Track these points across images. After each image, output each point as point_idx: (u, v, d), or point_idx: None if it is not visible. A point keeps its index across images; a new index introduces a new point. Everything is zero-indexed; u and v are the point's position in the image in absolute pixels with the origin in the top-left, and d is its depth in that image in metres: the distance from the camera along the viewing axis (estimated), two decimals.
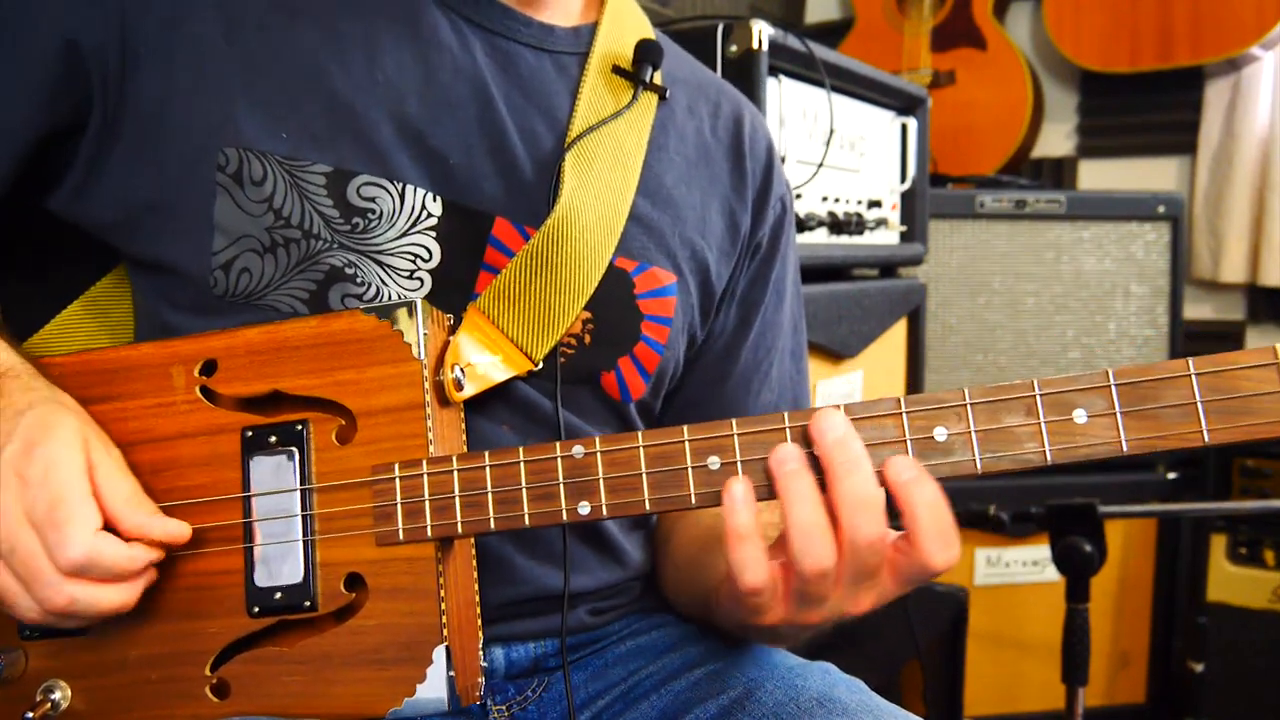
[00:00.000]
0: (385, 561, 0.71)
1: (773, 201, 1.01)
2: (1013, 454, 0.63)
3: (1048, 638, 2.04)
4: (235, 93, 0.77)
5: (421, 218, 0.81)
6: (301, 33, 0.80)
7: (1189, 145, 2.80)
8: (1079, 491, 1.68)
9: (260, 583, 0.73)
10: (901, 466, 0.63)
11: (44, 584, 0.67)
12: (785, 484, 0.64)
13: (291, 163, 0.78)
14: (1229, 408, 0.61)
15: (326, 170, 0.78)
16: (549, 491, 0.69)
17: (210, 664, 0.74)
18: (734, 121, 1.00)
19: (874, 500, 0.63)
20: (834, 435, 0.63)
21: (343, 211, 0.78)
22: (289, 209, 0.78)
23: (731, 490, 0.64)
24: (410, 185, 0.80)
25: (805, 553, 0.63)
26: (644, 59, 0.91)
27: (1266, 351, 0.60)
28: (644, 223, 0.90)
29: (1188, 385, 0.61)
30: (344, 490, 0.73)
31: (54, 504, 0.67)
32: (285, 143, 0.77)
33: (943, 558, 0.63)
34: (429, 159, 0.81)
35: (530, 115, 0.86)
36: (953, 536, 0.63)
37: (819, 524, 0.63)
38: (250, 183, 0.77)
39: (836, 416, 0.64)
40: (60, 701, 0.76)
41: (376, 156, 0.79)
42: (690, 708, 0.83)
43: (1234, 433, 0.60)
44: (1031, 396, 0.63)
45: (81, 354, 0.79)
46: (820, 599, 0.66)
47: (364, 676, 0.71)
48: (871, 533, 0.62)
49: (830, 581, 0.64)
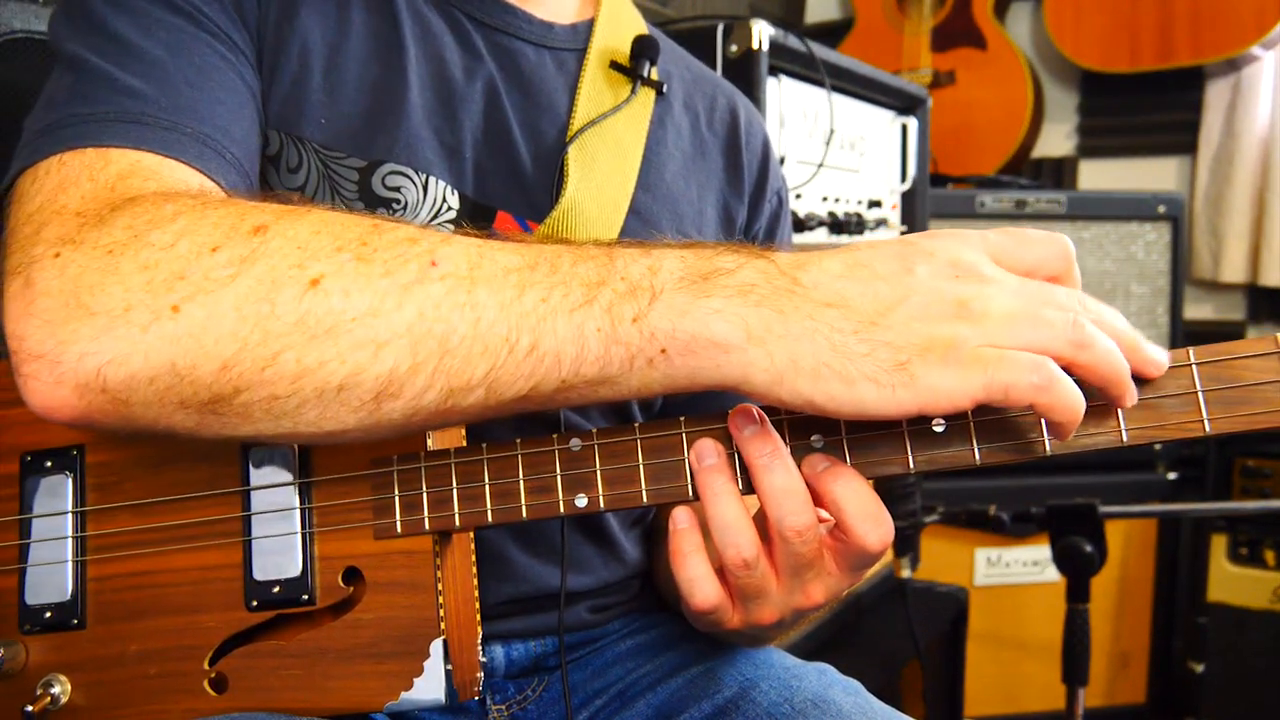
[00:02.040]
0: (383, 555, 0.71)
1: (769, 195, 1.01)
2: (1011, 445, 0.63)
3: (1048, 638, 2.04)
4: (294, 81, 0.78)
5: (443, 210, 0.81)
6: (321, 28, 0.80)
7: (1189, 145, 2.80)
8: (1079, 492, 1.68)
9: (259, 576, 0.73)
10: (814, 461, 0.63)
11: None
12: (701, 480, 0.64)
13: (328, 153, 0.78)
14: (1230, 397, 0.60)
15: (360, 164, 0.79)
16: (546, 484, 0.69)
17: (209, 658, 0.74)
18: (730, 116, 1.01)
19: (795, 490, 0.62)
20: (750, 430, 0.63)
21: (368, 203, 0.79)
22: (319, 200, 0.78)
23: (675, 515, 0.66)
24: (433, 177, 0.81)
25: (726, 544, 0.64)
26: (641, 54, 0.92)
27: (1268, 340, 0.60)
28: (643, 216, 0.90)
29: (1188, 375, 0.60)
30: (342, 483, 0.73)
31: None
32: (325, 130, 0.78)
33: (876, 537, 0.63)
34: (447, 153, 0.82)
35: (532, 111, 0.87)
36: (881, 516, 0.63)
37: (735, 516, 0.63)
38: (286, 170, 0.78)
39: (752, 411, 0.64)
40: (60, 696, 0.75)
41: (404, 146, 0.80)
42: (685, 707, 0.83)
43: (1235, 422, 0.60)
44: None
45: None
46: (758, 593, 0.65)
47: (362, 670, 0.71)
48: (798, 522, 0.62)
49: (761, 574, 0.64)
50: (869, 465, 0.64)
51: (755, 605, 0.67)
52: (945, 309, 0.55)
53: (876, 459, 0.64)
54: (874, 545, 0.63)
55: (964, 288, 0.56)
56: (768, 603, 0.66)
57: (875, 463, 0.64)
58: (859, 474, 0.63)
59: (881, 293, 0.56)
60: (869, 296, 0.56)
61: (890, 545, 0.64)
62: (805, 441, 0.65)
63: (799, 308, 0.56)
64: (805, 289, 0.56)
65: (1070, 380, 0.55)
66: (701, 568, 0.66)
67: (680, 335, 0.56)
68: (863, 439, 0.64)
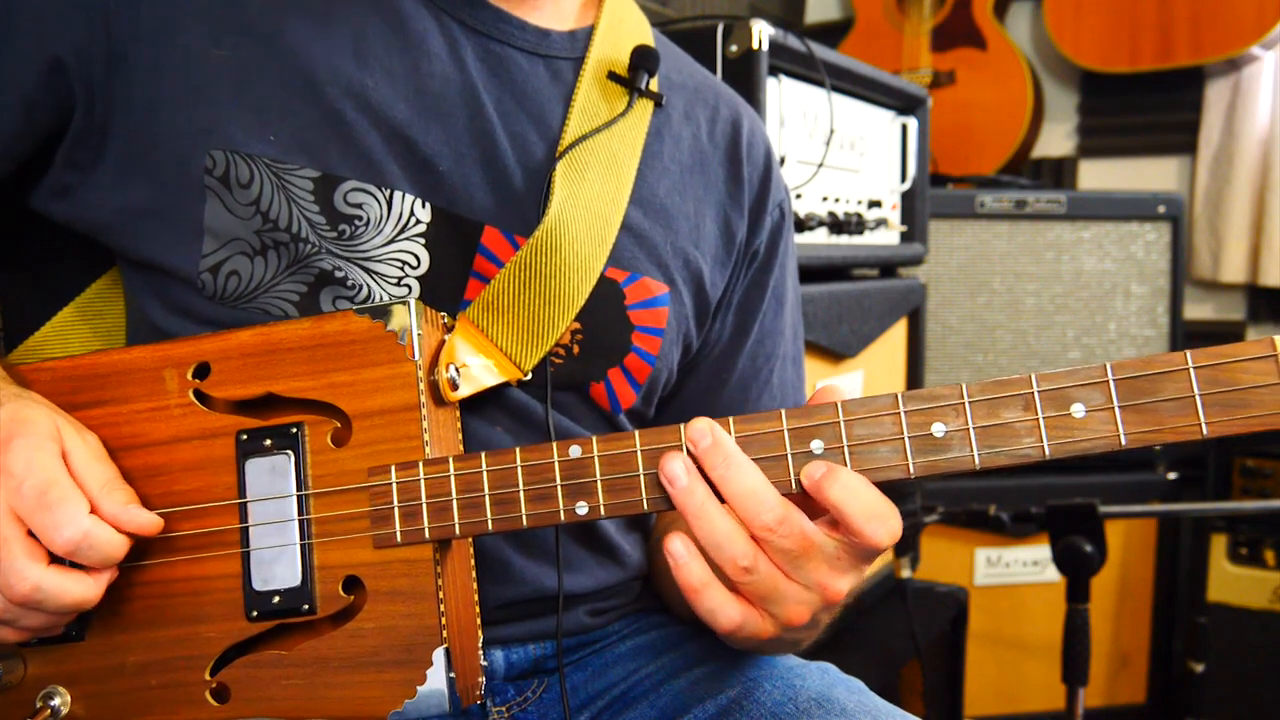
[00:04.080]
0: (383, 564, 0.71)
1: (770, 208, 1.00)
2: (1011, 449, 0.63)
3: (1048, 638, 2.04)
4: (223, 96, 0.77)
5: (410, 224, 0.80)
6: (290, 36, 0.79)
7: (1189, 145, 2.80)
8: (1079, 492, 1.68)
9: (258, 587, 0.73)
10: (811, 469, 0.65)
11: (5, 571, 0.67)
12: (680, 503, 0.66)
13: (279, 165, 0.77)
14: (1227, 400, 0.60)
15: (314, 175, 0.78)
16: (547, 492, 0.69)
17: (210, 668, 0.73)
18: (731, 126, 0.99)
19: (755, 490, 0.65)
20: (705, 443, 0.66)
21: (329, 218, 0.78)
22: (276, 212, 0.77)
23: (670, 550, 0.67)
24: (399, 191, 0.79)
25: (723, 560, 0.66)
26: (640, 65, 0.90)
27: (1265, 343, 0.60)
28: (636, 233, 0.89)
29: (1186, 378, 0.61)
30: (340, 494, 0.72)
31: (44, 489, 0.67)
32: (273, 145, 0.77)
33: (884, 533, 0.65)
34: (418, 166, 0.81)
35: (521, 122, 0.85)
36: (886, 512, 0.65)
37: (724, 530, 0.65)
38: (238, 185, 0.77)
39: (702, 424, 0.66)
40: (60, 708, 0.75)
41: (364, 162, 0.79)
42: (689, 707, 0.83)
43: (1233, 425, 0.60)
44: (1029, 392, 0.63)
45: (73, 358, 0.79)
46: (772, 593, 0.67)
47: (364, 679, 0.71)
48: (768, 518, 0.65)
49: (766, 574, 0.66)
50: (870, 472, 0.65)
51: (779, 607, 0.68)
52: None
53: (877, 465, 0.65)
54: (883, 542, 0.65)
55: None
56: (789, 600, 0.67)
57: (876, 469, 0.65)
58: (857, 474, 0.64)
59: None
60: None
61: (900, 536, 0.66)
62: (806, 448, 0.65)
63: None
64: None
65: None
66: (718, 596, 0.67)
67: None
68: (864, 445, 0.65)
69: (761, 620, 0.68)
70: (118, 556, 0.70)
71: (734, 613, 0.67)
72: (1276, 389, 0.59)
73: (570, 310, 0.83)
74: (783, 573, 0.66)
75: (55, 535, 0.67)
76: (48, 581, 0.67)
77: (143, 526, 0.71)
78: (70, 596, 0.69)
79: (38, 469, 0.68)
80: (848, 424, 0.65)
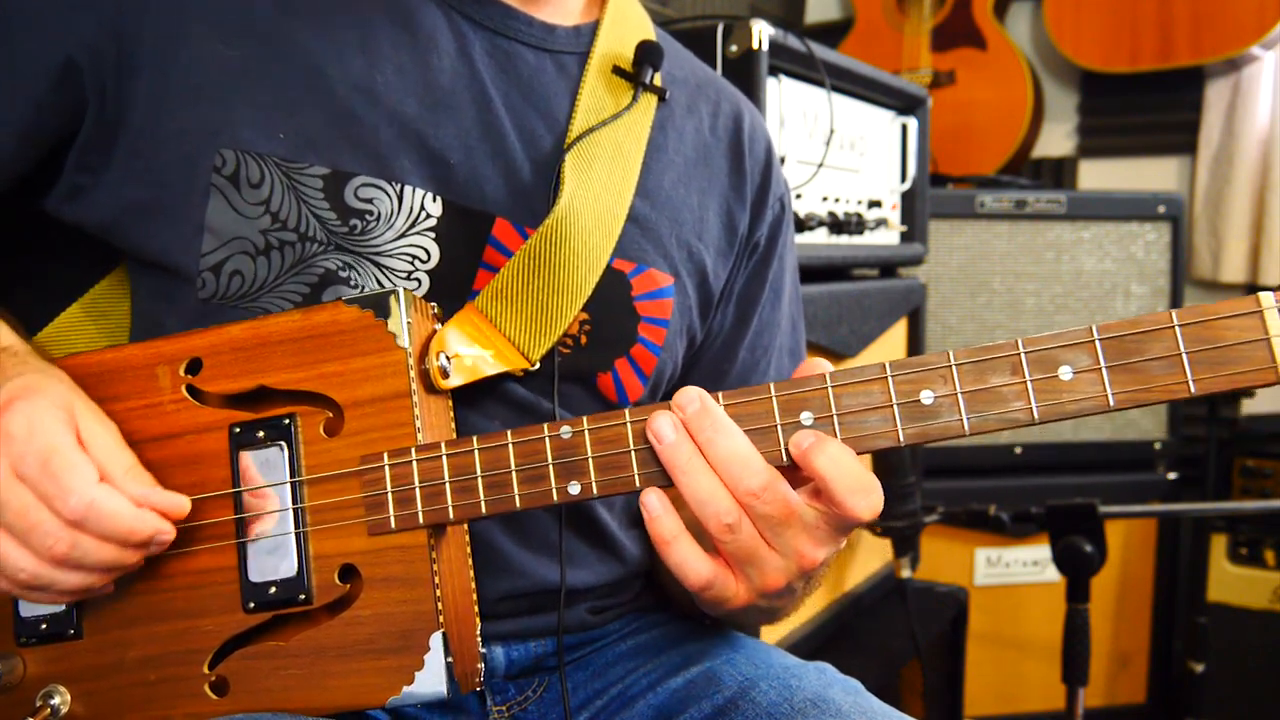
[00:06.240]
0: (378, 551, 0.72)
1: (771, 201, 1.01)
2: (1000, 414, 0.63)
3: (1048, 638, 2.04)
4: (233, 96, 0.77)
5: (420, 218, 0.80)
6: (299, 35, 0.79)
7: (1189, 145, 2.80)
8: (1079, 491, 1.69)
9: (254, 578, 0.73)
10: (799, 438, 0.66)
11: (44, 533, 0.66)
12: (667, 458, 0.67)
13: (289, 164, 0.77)
14: (1214, 358, 0.60)
15: (324, 172, 0.78)
16: (539, 473, 0.69)
17: (208, 662, 0.74)
18: (733, 121, 1.00)
19: (741, 455, 0.66)
20: (693, 409, 0.67)
21: (340, 214, 0.78)
22: (286, 211, 0.78)
23: (645, 503, 0.68)
24: (409, 186, 0.80)
25: (706, 515, 0.67)
26: (644, 60, 0.91)
27: (1250, 300, 0.60)
28: (642, 224, 0.90)
29: (1171, 337, 0.61)
30: (334, 481, 0.73)
31: (46, 457, 0.67)
32: (283, 144, 0.77)
33: (865, 507, 0.65)
34: (429, 160, 0.81)
35: (530, 116, 0.86)
36: (869, 485, 0.65)
37: (709, 486, 0.66)
38: (247, 185, 0.77)
39: (691, 391, 0.68)
40: (60, 706, 0.75)
41: (375, 158, 0.79)
42: (685, 707, 0.84)
43: (1219, 382, 0.60)
44: (1016, 355, 0.63)
45: (67, 358, 0.79)
46: (751, 556, 0.68)
47: (362, 667, 0.71)
48: (753, 483, 0.66)
49: (748, 535, 0.67)
50: (859, 440, 0.65)
51: (756, 571, 0.69)
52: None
53: (866, 433, 0.65)
54: (864, 515, 0.65)
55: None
56: (767, 565, 0.68)
57: (865, 437, 0.65)
58: (845, 446, 0.65)
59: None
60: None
61: (880, 511, 0.66)
62: (795, 419, 0.66)
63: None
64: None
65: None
66: (687, 549, 0.68)
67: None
68: (853, 414, 0.65)
69: (736, 583, 0.69)
70: (137, 530, 0.69)
71: (703, 568, 0.69)
72: (1262, 344, 0.60)
73: (578, 300, 0.83)
74: (763, 539, 0.67)
75: (60, 504, 0.66)
76: (84, 540, 0.67)
77: (172, 507, 0.71)
78: (107, 555, 0.68)
79: (40, 432, 0.67)
80: (836, 393, 0.66)
